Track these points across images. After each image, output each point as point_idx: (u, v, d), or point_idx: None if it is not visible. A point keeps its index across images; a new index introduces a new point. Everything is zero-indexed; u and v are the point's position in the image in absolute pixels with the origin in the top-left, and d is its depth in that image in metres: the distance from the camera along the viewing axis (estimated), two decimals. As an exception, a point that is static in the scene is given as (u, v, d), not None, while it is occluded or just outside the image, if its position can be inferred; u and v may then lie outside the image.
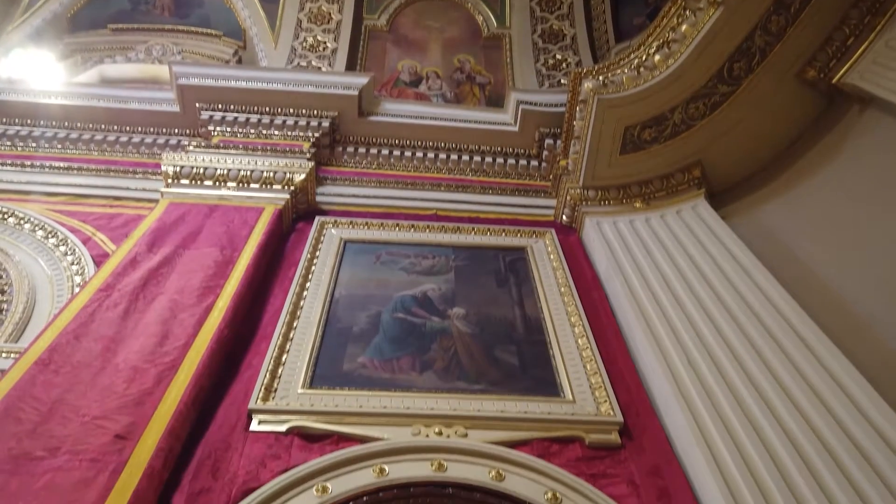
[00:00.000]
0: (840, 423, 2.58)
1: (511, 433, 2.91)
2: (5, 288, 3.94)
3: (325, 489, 2.54)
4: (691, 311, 3.40)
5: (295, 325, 3.54)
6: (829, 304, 3.32)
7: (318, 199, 4.93)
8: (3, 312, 3.80)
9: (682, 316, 3.38)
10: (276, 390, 3.07)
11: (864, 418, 2.58)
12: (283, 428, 2.86)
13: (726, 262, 3.71)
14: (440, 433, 2.88)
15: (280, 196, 4.54)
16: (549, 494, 2.57)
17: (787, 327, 3.12)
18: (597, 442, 2.90)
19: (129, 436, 2.50)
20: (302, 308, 3.69)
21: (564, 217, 4.84)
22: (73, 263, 4.12)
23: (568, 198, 4.74)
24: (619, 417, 3.01)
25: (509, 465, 2.71)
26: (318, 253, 4.27)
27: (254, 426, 2.87)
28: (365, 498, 2.53)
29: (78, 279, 4.00)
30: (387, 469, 2.65)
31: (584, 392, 3.18)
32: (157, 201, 4.48)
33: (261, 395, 3.00)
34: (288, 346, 3.37)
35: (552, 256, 4.38)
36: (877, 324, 3.08)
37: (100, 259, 4.11)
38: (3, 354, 3.41)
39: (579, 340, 3.54)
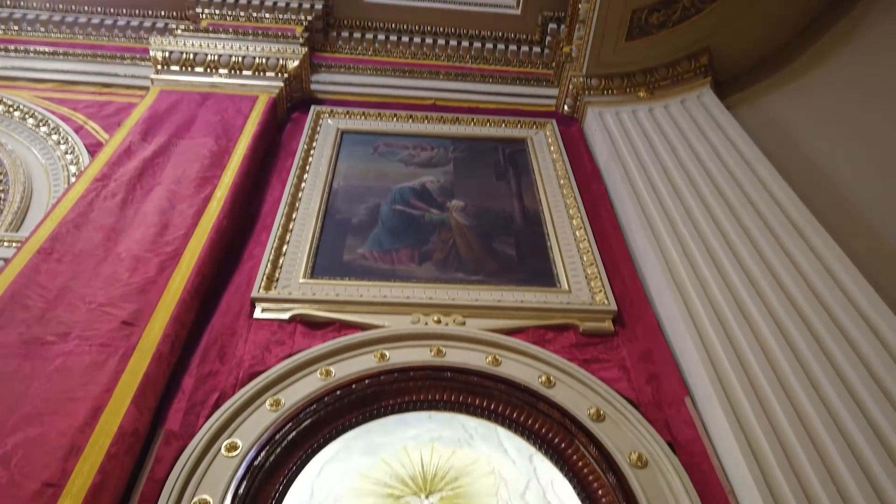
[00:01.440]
0: (832, 315, 2.63)
1: (507, 321, 3.00)
2: (1, 178, 3.91)
3: (328, 373, 2.64)
4: (690, 202, 3.39)
5: (294, 216, 3.55)
6: (832, 199, 3.30)
7: (313, 87, 4.79)
8: (2, 202, 3.79)
9: (680, 207, 3.38)
10: (277, 280, 3.12)
11: (858, 313, 2.60)
12: (286, 316, 2.94)
13: (728, 154, 3.66)
14: (439, 321, 2.96)
15: (274, 84, 4.41)
16: (543, 378, 2.69)
17: (786, 222, 3.12)
18: (590, 329, 2.99)
19: (136, 322, 2.57)
20: (300, 199, 3.69)
21: (566, 107, 4.73)
22: (66, 153, 4.07)
23: (570, 87, 4.61)
24: (613, 306, 3.08)
25: (505, 351, 2.82)
26: (314, 143, 4.21)
27: (257, 314, 2.94)
28: (367, 381, 2.64)
29: (73, 169, 3.96)
30: (387, 354, 2.75)
31: (579, 283, 3.24)
32: (147, 88, 4.37)
33: (263, 284, 3.06)
34: (288, 237, 3.39)
35: (552, 148, 4.32)
36: (879, 221, 3.06)
37: (93, 148, 4.06)
38: (5, 243, 3.44)
39: (577, 232, 3.57)
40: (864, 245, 2.98)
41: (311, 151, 4.12)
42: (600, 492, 2.31)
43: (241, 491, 2.16)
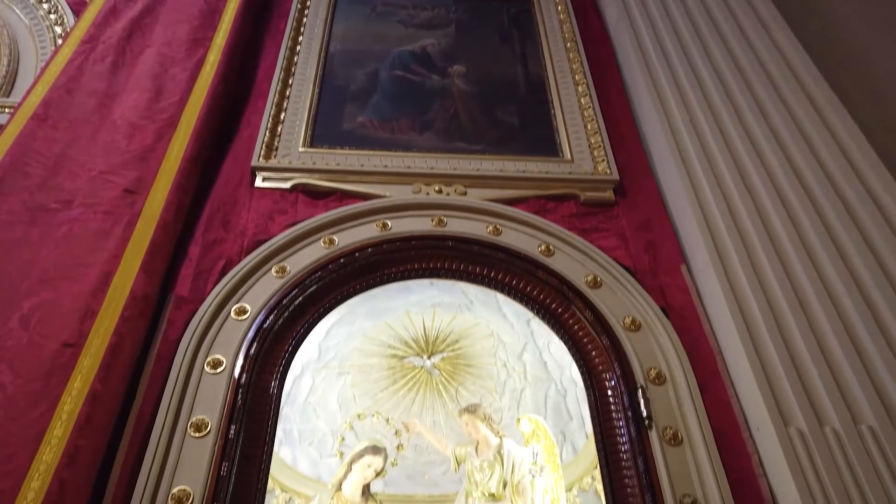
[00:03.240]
0: (839, 193, 2.60)
1: (509, 191, 3.00)
2: (-16, 39, 3.75)
3: (331, 241, 2.68)
4: (700, 68, 3.26)
5: (290, 81, 3.44)
6: (855, 77, 3.14)
7: (306, -61, 4.46)
8: (-12, 66, 3.66)
9: (689, 73, 3.25)
10: (277, 148, 3.08)
11: (867, 192, 2.58)
12: (287, 185, 2.93)
13: (744, 15, 3.47)
14: (440, 191, 2.96)
15: (262, -65, 4.10)
16: (543, 247, 2.73)
17: (800, 92, 3.01)
18: (591, 199, 3.00)
19: (138, 190, 2.57)
20: (296, 64, 3.55)
21: (576, -37, 4.43)
22: (50, 12, 3.87)
23: (581, -60, 4.29)
24: (615, 176, 3.07)
25: (506, 221, 2.84)
26: (308, 3, 3.98)
27: (258, 183, 2.94)
28: (369, 249, 2.68)
29: (58, 30, 3.79)
30: (389, 224, 2.77)
31: (582, 152, 3.20)
32: (128, -59, 4.06)
33: (262, 152, 3.02)
34: (285, 105, 3.30)
35: (560, 8, 4.10)
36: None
37: (77, 7, 3.85)
38: (-1, 109, 3.37)
39: (582, 100, 3.47)
40: (880, 117, 2.90)
41: (306, 11, 3.91)
42: (594, 353, 2.43)
43: (252, 352, 2.26)
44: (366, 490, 2.99)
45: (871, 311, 2.22)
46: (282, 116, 3.23)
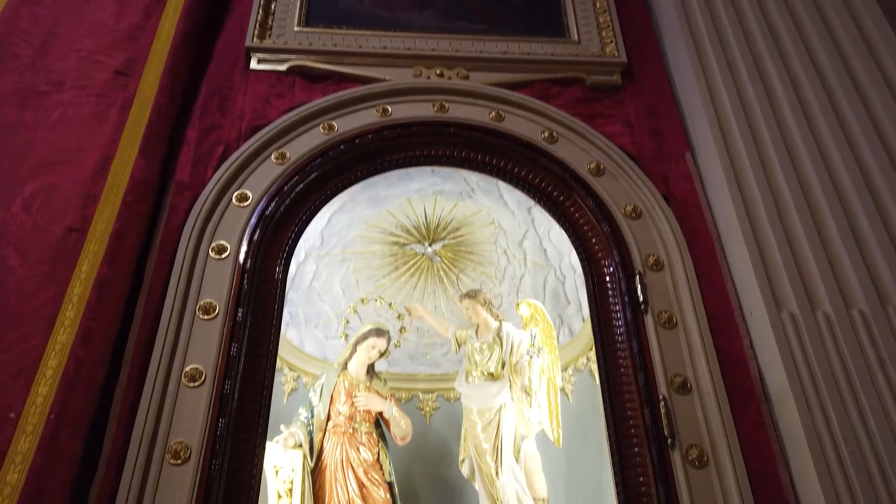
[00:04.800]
0: (855, 82, 2.50)
1: (512, 75, 2.90)
2: None
3: (331, 127, 2.63)
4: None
5: (282, -49, 3.23)
6: None
7: None
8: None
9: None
10: (271, 28, 2.95)
11: (888, 87, 2.50)
12: (283, 67, 2.83)
13: None
14: (441, 75, 2.87)
15: None
16: (546, 134, 2.68)
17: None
18: (598, 83, 2.91)
19: (130, 72, 2.49)
20: (289, -65, 3.32)
21: None
22: None
23: None
24: (623, 58, 2.96)
25: (509, 107, 2.77)
26: None
27: (253, 65, 2.84)
28: (370, 136, 2.64)
29: None
30: (389, 109, 2.71)
31: (590, 32, 3.06)
32: None
33: (256, 32, 2.89)
34: (278, -22, 3.13)
35: None
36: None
37: None
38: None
39: (591, -25, 3.28)
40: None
41: None
42: (594, 240, 2.45)
43: (255, 238, 2.29)
44: (370, 369, 3.12)
45: (873, 198, 2.22)
46: (275, -8, 3.07)
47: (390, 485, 2.88)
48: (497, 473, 2.79)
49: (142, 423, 1.84)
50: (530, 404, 2.88)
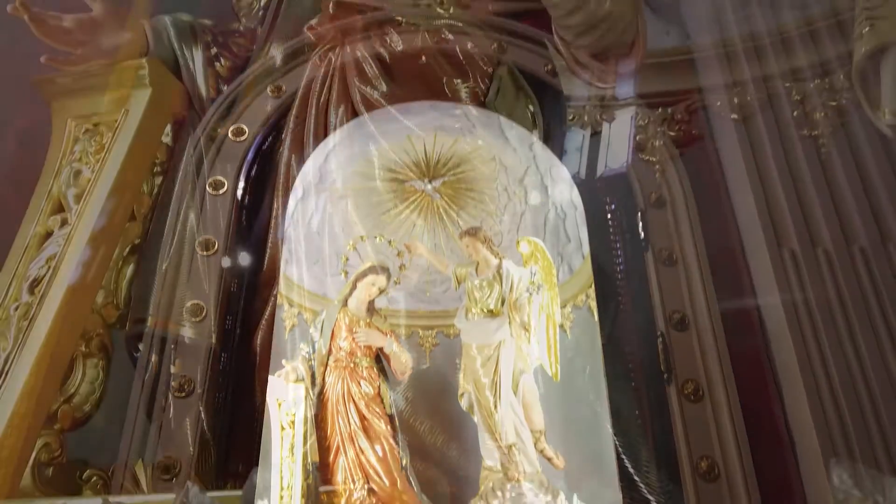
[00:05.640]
0: None
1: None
2: None
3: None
4: None
5: None
6: None
7: None
8: None
9: None
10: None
11: None
12: (277, -4, 2.74)
13: None
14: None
15: None
16: (549, 67, 2.60)
17: None
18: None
19: None
20: None
21: None
22: None
23: None
24: None
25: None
26: None
27: (247, -6, 2.74)
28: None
29: None
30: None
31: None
32: None
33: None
34: None
35: None
36: None
37: None
38: None
39: None
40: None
41: None
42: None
43: (252, 173, 2.26)
44: (370, 306, 3.13)
45: (881, 139, 2.18)
46: None
47: (391, 417, 2.94)
48: (496, 407, 2.83)
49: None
50: (529, 340, 2.90)
